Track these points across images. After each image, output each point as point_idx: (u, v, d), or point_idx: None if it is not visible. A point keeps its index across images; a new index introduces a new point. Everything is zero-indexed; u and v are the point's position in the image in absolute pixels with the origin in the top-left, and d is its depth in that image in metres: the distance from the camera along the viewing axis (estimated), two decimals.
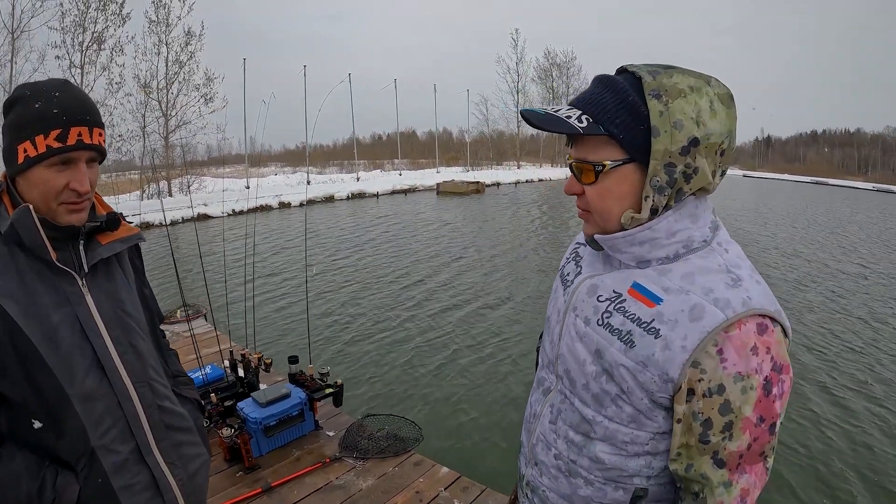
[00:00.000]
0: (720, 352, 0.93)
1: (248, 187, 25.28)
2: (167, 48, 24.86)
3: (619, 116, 0.96)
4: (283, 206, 21.70)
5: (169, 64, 24.92)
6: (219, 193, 21.42)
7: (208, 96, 25.92)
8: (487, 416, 5.34)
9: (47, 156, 1.17)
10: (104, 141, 1.27)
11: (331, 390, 3.75)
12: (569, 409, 1.16)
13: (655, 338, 0.98)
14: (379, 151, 61.40)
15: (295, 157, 53.76)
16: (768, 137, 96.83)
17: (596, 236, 1.09)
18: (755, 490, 1.00)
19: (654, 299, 1.01)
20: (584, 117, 0.98)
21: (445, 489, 3.17)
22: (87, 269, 1.28)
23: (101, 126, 1.26)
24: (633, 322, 1.02)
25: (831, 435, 5.23)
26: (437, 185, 29.08)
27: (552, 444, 1.19)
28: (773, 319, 0.96)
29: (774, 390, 0.94)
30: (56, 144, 1.16)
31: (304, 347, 4.61)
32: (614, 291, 1.07)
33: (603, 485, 1.12)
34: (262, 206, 20.79)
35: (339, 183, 30.01)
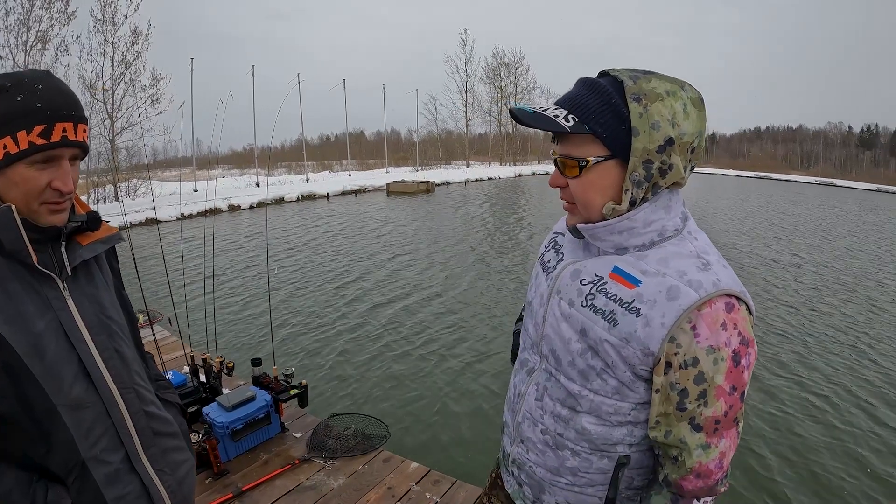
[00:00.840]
0: (693, 328, 1.04)
1: (196, 190, 24.74)
2: (113, 48, 24.04)
3: (602, 117, 1.05)
4: (233, 208, 21.31)
5: (115, 64, 24.13)
6: (166, 197, 20.94)
7: (155, 97, 25.21)
8: (452, 410, 5.40)
9: (30, 153, 1.10)
10: (88, 137, 1.21)
11: (296, 391, 3.74)
12: (555, 385, 1.25)
13: (636, 316, 1.08)
14: (327, 152, 60.82)
15: (242, 159, 52.79)
16: (713, 134, 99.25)
17: (578, 225, 1.18)
18: (731, 452, 1.14)
19: (633, 281, 1.10)
20: (570, 116, 1.06)
21: (416, 483, 3.20)
22: (69, 272, 1.22)
23: (86, 121, 1.20)
24: (616, 302, 1.11)
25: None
26: (387, 185, 28.91)
27: (538, 421, 1.29)
28: (738, 299, 1.07)
29: (743, 361, 1.06)
30: (40, 141, 1.10)
31: (263, 349, 4.57)
32: (596, 275, 1.16)
33: (589, 454, 1.22)
34: (211, 209, 20.39)
35: (288, 185, 29.60)
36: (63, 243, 1.23)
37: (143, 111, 24.77)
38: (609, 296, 1.12)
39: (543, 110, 1.09)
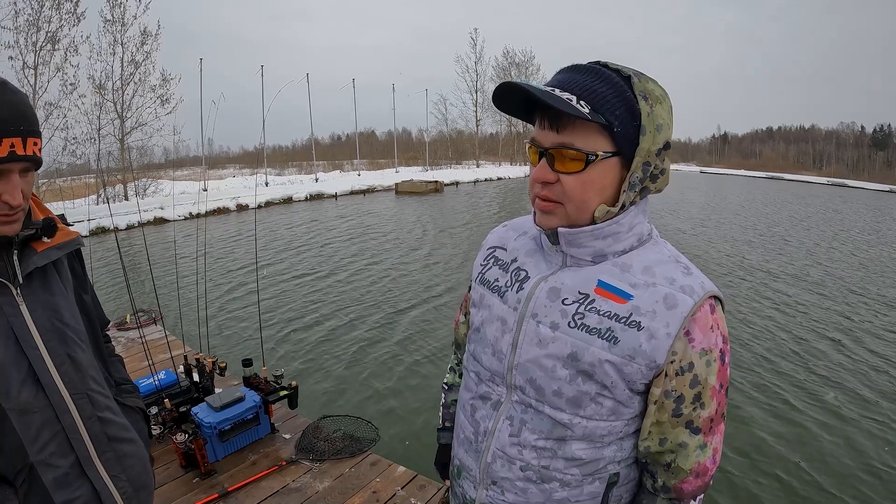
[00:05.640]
0: (687, 333, 1.01)
1: (205, 190, 24.86)
2: (122, 48, 24.22)
3: (618, 109, 0.96)
4: (241, 208, 21.36)
5: (125, 64, 24.30)
6: (175, 196, 21.04)
7: (164, 97, 25.37)
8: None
9: None
10: (39, 150, 1.20)
11: (285, 392, 3.73)
12: (536, 417, 1.13)
13: (638, 330, 1.02)
14: (338, 152, 61.14)
15: (253, 159, 52.96)
16: (725, 134, 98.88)
17: (560, 230, 1.07)
18: (721, 446, 1.13)
19: (623, 296, 1.04)
20: (582, 102, 0.96)
21: (402, 488, 3.19)
22: (21, 280, 1.22)
23: (37, 135, 1.18)
24: (612, 319, 1.03)
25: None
26: (396, 185, 28.95)
27: (516, 458, 1.16)
28: (716, 298, 1.06)
29: (726, 359, 1.06)
30: None
31: (256, 350, 4.58)
32: (580, 293, 1.08)
33: (580, 481, 1.13)
34: (219, 208, 20.46)
35: (297, 184, 29.70)
36: (15, 251, 1.23)
37: (153, 111, 24.92)
38: (602, 313, 1.04)
39: (551, 90, 0.97)
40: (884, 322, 8.65)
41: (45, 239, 1.30)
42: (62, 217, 1.42)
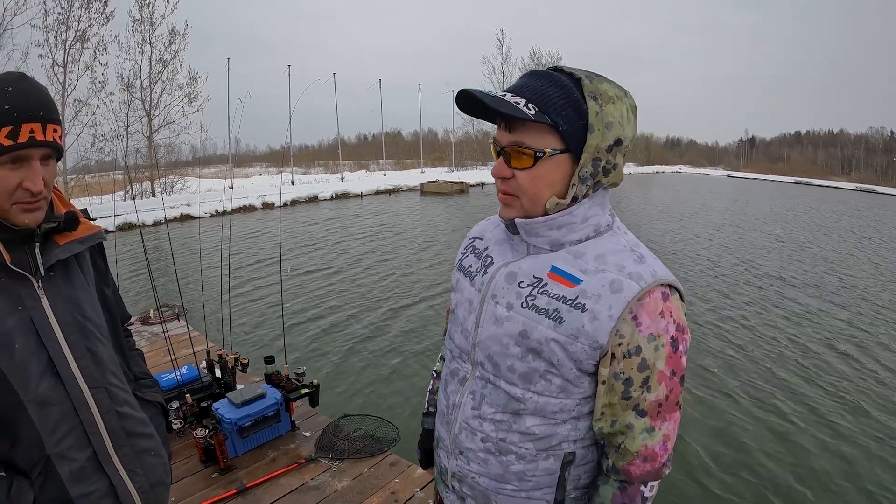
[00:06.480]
0: (635, 318, 1.07)
1: (231, 187, 25.10)
2: (151, 47, 24.68)
3: (564, 110, 1.05)
4: (267, 206, 21.56)
5: (153, 63, 24.72)
6: (202, 194, 21.27)
7: (192, 96, 25.73)
8: None
9: None
10: (60, 137, 1.21)
11: (306, 390, 3.73)
12: (493, 391, 1.23)
13: (582, 312, 1.09)
14: (364, 152, 61.41)
15: (280, 158, 53.44)
16: (752, 138, 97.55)
17: (516, 220, 1.16)
18: (674, 434, 1.17)
19: (573, 280, 1.12)
20: (530, 105, 1.05)
21: (421, 489, 3.16)
22: (43, 272, 1.23)
23: (57, 122, 1.19)
24: (559, 300, 1.11)
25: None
26: (421, 185, 29.09)
27: (477, 430, 1.26)
28: (672, 287, 1.11)
29: (680, 347, 1.11)
30: (7, 142, 1.10)
31: (279, 347, 4.58)
32: (534, 277, 1.16)
33: (535, 456, 1.21)
34: (245, 206, 20.64)
35: (323, 183, 29.90)
36: (38, 244, 1.24)
37: (181, 109, 25.25)
38: (551, 295, 1.12)
39: (502, 96, 1.07)
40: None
41: (67, 232, 1.30)
42: (85, 211, 1.42)
